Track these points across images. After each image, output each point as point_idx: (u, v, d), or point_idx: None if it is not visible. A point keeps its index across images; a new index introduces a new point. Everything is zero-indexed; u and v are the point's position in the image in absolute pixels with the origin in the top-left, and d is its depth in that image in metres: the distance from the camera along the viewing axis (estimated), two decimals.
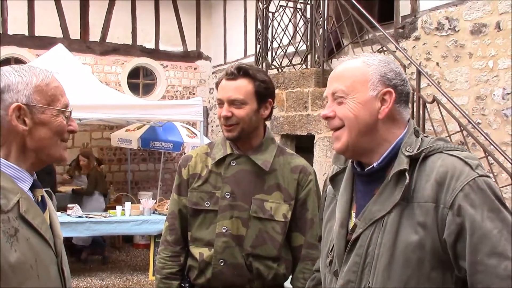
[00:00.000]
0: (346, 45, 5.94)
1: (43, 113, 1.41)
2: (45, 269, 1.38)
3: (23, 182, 1.41)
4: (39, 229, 1.38)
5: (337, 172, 1.63)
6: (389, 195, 1.42)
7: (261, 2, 6.80)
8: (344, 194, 1.56)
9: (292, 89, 6.04)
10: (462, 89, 5.61)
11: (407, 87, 1.52)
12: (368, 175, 1.51)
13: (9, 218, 1.31)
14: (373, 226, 1.43)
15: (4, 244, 1.27)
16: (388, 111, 1.46)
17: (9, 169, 1.39)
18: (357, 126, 1.46)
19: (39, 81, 1.42)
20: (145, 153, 10.53)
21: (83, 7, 9.87)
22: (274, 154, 2.23)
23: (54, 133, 1.43)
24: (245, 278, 2.17)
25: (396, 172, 1.41)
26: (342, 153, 1.54)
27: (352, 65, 1.52)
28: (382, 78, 1.47)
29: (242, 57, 9.88)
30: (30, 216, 1.36)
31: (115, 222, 6.83)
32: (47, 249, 1.42)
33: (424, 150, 1.42)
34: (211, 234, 2.18)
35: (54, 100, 1.44)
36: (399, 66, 1.56)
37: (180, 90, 10.99)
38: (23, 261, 1.31)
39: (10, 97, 1.38)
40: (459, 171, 1.36)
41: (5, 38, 9.19)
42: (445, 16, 5.80)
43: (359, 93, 1.46)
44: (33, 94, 1.40)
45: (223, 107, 2.14)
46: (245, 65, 2.17)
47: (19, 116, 1.38)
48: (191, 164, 2.28)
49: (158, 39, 10.65)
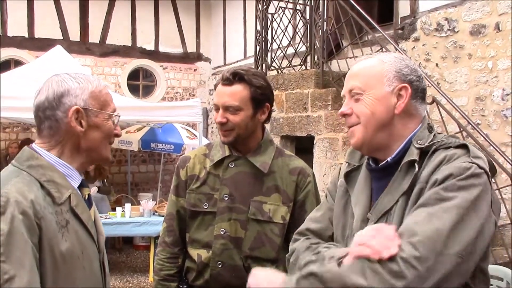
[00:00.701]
0: (346, 46, 5.94)
1: (97, 117, 1.56)
2: (89, 262, 1.51)
3: (73, 180, 1.55)
4: (86, 223, 1.52)
5: (352, 169, 1.63)
6: (398, 185, 1.44)
7: (261, 4, 6.81)
8: (364, 191, 1.56)
9: (292, 90, 6.04)
10: (461, 90, 5.61)
11: (423, 83, 1.53)
12: (382, 170, 1.52)
13: (62, 210, 1.45)
14: (384, 218, 1.44)
15: (56, 234, 1.40)
16: (405, 106, 1.48)
17: (62, 167, 1.53)
18: (373, 122, 1.48)
19: (94, 87, 1.57)
20: (145, 154, 10.53)
21: (83, 9, 9.88)
22: (272, 156, 2.23)
23: (105, 135, 1.59)
24: (243, 280, 2.15)
25: (406, 162, 1.43)
26: (358, 148, 1.55)
27: (368, 63, 1.54)
28: (397, 74, 1.49)
29: (242, 58, 9.88)
30: (79, 211, 1.50)
31: (115, 223, 6.83)
32: (92, 244, 1.55)
33: (435, 143, 1.44)
34: (209, 235, 2.18)
35: (105, 105, 1.59)
36: (414, 63, 1.57)
37: (180, 92, 11.00)
38: (72, 251, 1.44)
39: (69, 101, 1.52)
40: (456, 156, 1.38)
41: (5, 40, 9.21)
42: (444, 17, 5.81)
43: (375, 89, 1.48)
44: (89, 99, 1.54)
45: (219, 112, 2.14)
46: (241, 70, 2.14)
47: (77, 118, 1.52)
48: (189, 165, 2.27)
49: (158, 40, 10.66)
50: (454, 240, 1.26)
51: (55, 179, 1.48)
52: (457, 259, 1.25)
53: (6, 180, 1.41)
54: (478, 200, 1.32)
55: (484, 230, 1.32)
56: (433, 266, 1.24)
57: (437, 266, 1.24)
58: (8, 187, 1.37)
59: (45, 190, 1.44)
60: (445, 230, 1.27)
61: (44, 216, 1.38)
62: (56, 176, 1.49)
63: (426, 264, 1.24)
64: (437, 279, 1.24)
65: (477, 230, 1.29)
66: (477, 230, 1.29)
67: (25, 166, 1.47)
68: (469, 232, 1.28)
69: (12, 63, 9.30)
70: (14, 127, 9.35)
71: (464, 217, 1.29)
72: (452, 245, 1.26)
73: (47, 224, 1.38)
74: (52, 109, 1.52)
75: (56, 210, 1.43)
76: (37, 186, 1.43)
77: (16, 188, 1.38)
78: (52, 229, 1.39)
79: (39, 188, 1.43)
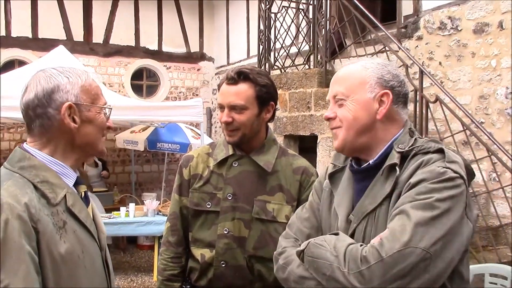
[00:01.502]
0: (349, 45, 5.93)
1: (89, 111, 1.51)
2: (91, 261, 1.48)
3: (68, 178, 1.51)
4: (85, 222, 1.48)
5: (336, 170, 1.68)
6: (380, 189, 1.48)
7: (264, 3, 6.80)
8: (347, 192, 1.60)
9: (295, 89, 6.04)
10: (465, 89, 5.60)
11: (404, 88, 1.58)
12: (364, 172, 1.56)
13: (58, 211, 1.41)
14: (366, 220, 1.49)
15: (54, 236, 1.37)
16: (386, 112, 1.53)
17: (55, 166, 1.48)
18: (355, 126, 1.53)
19: (83, 81, 1.52)
20: (149, 154, 10.55)
21: (86, 9, 9.90)
22: (276, 155, 2.23)
23: (98, 129, 1.54)
24: (246, 280, 2.16)
25: (387, 166, 1.47)
26: (340, 150, 1.60)
27: (351, 69, 1.60)
28: (379, 80, 1.54)
29: (245, 58, 9.88)
30: (76, 210, 1.46)
31: (119, 223, 6.84)
32: (92, 242, 1.51)
33: (415, 148, 1.48)
34: (213, 235, 2.18)
35: (96, 98, 1.54)
36: (397, 68, 1.62)
37: (183, 91, 11.01)
38: (72, 251, 1.41)
39: (60, 97, 1.47)
40: (432, 161, 1.42)
41: (9, 40, 9.24)
42: (447, 16, 5.79)
43: (357, 95, 1.54)
44: (80, 94, 1.49)
45: (223, 112, 2.13)
46: (246, 69, 2.14)
47: (70, 114, 1.47)
48: (192, 164, 2.27)
49: (161, 40, 10.68)
50: (420, 235, 1.29)
51: (49, 179, 1.43)
52: (423, 253, 1.27)
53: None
54: (451, 202, 1.34)
55: (458, 232, 1.34)
56: (397, 255, 1.28)
57: (402, 257, 1.28)
58: (1, 192, 1.33)
59: (39, 191, 1.40)
60: (410, 224, 1.30)
61: (40, 219, 1.34)
62: (49, 176, 1.44)
63: (391, 252, 1.28)
64: (402, 269, 1.27)
65: (446, 230, 1.31)
66: (446, 230, 1.31)
67: (16, 167, 1.43)
68: (438, 230, 1.30)
69: (16, 63, 9.33)
70: (18, 127, 9.38)
71: (434, 214, 1.31)
72: (418, 239, 1.28)
73: (44, 226, 1.35)
74: (43, 107, 1.46)
75: (52, 211, 1.39)
76: (31, 188, 1.39)
77: (8, 192, 1.33)
78: (49, 231, 1.36)
79: (32, 190, 1.39)
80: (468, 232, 1.38)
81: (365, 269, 1.30)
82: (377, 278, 1.28)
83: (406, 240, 1.28)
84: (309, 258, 1.45)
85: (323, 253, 1.41)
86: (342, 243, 1.40)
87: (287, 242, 1.68)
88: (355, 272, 1.31)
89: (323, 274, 1.39)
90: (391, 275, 1.27)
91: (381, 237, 1.34)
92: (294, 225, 1.74)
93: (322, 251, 1.41)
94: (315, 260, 1.42)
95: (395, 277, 1.27)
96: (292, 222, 1.77)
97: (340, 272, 1.34)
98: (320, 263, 1.40)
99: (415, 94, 4.88)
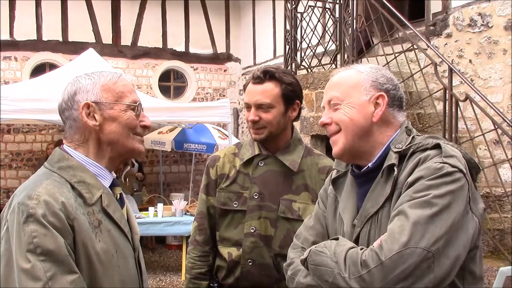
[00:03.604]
0: (376, 44, 5.87)
1: (112, 109, 1.53)
2: (124, 260, 1.51)
3: (104, 179, 1.55)
4: (119, 222, 1.52)
5: (339, 175, 1.68)
6: (380, 191, 1.46)
7: (290, 3, 6.79)
8: (350, 196, 1.60)
9: (322, 89, 6.01)
10: (496, 86, 5.48)
11: (399, 92, 1.58)
12: (364, 176, 1.55)
13: (94, 210, 1.46)
14: (369, 223, 1.47)
15: (90, 234, 1.41)
16: (382, 114, 1.52)
17: (92, 167, 1.53)
18: (352, 128, 1.52)
19: (106, 81, 1.55)
20: (177, 155, 10.64)
21: (115, 12, 10.05)
22: (301, 155, 2.24)
23: (123, 126, 1.54)
24: (273, 278, 2.17)
25: (386, 167, 1.46)
26: (339, 157, 1.60)
27: (345, 73, 1.60)
28: (374, 83, 1.55)
29: (271, 58, 9.88)
30: (111, 210, 1.50)
31: (148, 223, 6.92)
32: (126, 243, 1.55)
33: (412, 146, 1.46)
34: (240, 234, 2.20)
35: (122, 96, 1.55)
36: (390, 72, 1.62)
37: (210, 92, 11.07)
38: (106, 250, 1.45)
39: (81, 97, 1.52)
40: (430, 157, 1.39)
41: (40, 44, 9.45)
42: (477, 12, 5.69)
43: (353, 98, 1.54)
44: (101, 92, 1.53)
45: (250, 111, 2.16)
46: (272, 68, 2.17)
47: (89, 113, 1.51)
48: (219, 164, 2.30)
49: (188, 42, 10.76)
50: (420, 234, 1.26)
51: (86, 179, 1.48)
52: (424, 252, 1.24)
53: (37, 183, 1.42)
54: (450, 197, 1.30)
55: (461, 227, 1.31)
56: (397, 257, 1.25)
57: (402, 258, 1.25)
58: (39, 190, 1.38)
59: (76, 191, 1.45)
60: (408, 224, 1.27)
61: (77, 217, 1.39)
62: (87, 177, 1.49)
63: (390, 254, 1.26)
64: (403, 271, 1.24)
65: (448, 226, 1.28)
66: (448, 226, 1.28)
67: (55, 167, 1.48)
68: (439, 227, 1.27)
69: (47, 67, 9.53)
70: (49, 129, 9.58)
71: (433, 212, 1.28)
72: (418, 239, 1.25)
73: (80, 225, 1.39)
74: (69, 109, 1.53)
75: (88, 211, 1.43)
76: (68, 188, 1.44)
77: (46, 190, 1.38)
78: (85, 230, 1.40)
79: (69, 190, 1.44)
80: (474, 227, 1.35)
81: (366, 273, 1.28)
82: (378, 281, 1.26)
83: (405, 240, 1.26)
84: (312, 266, 1.44)
85: (324, 259, 1.40)
86: (341, 247, 1.39)
87: (294, 252, 1.68)
88: (356, 277, 1.30)
89: (325, 281, 1.38)
90: (392, 277, 1.25)
91: (381, 239, 1.32)
92: (301, 235, 1.74)
93: (323, 258, 1.40)
94: (317, 267, 1.41)
95: (397, 279, 1.25)
96: (299, 232, 1.77)
97: (341, 278, 1.32)
98: (322, 270, 1.39)
99: (444, 92, 4.81)
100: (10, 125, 8.98)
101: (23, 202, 1.35)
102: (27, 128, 9.40)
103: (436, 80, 5.14)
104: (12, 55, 9.31)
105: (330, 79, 1.63)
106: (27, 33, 9.35)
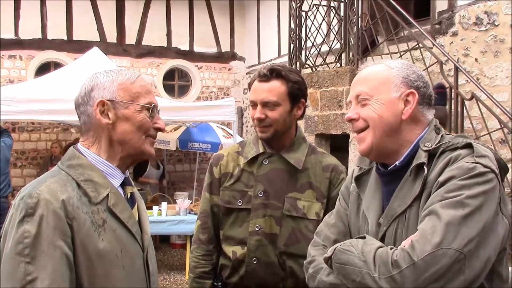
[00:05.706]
0: (381, 42, 5.85)
1: (127, 109, 1.51)
2: (130, 261, 1.49)
3: (114, 178, 1.53)
4: (126, 222, 1.50)
5: (362, 172, 1.64)
6: (409, 190, 1.43)
7: (294, 1, 6.78)
8: (375, 195, 1.57)
9: (326, 88, 5.99)
10: (502, 85, 5.45)
11: (429, 90, 1.54)
12: (391, 174, 1.52)
13: (98, 209, 1.44)
14: (396, 222, 1.44)
15: (91, 233, 1.40)
16: (412, 112, 1.48)
17: (103, 166, 1.52)
18: (381, 126, 1.48)
19: (124, 80, 1.53)
20: (181, 153, 10.64)
21: (119, 11, 10.06)
22: (306, 153, 2.23)
23: (137, 127, 1.52)
24: (278, 277, 2.16)
25: (415, 166, 1.43)
26: (366, 155, 1.55)
27: (375, 68, 1.55)
28: (404, 79, 1.50)
29: (276, 56, 9.87)
30: (117, 210, 1.48)
31: (152, 222, 6.88)
32: (134, 242, 1.52)
33: (442, 145, 1.43)
34: (244, 232, 2.19)
35: (138, 97, 1.53)
36: (420, 69, 1.58)
37: (215, 91, 11.07)
38: (109, 250, 1.43)
39: (97, 94, 1.51)
40: (461, 157, 1.36)
41: (45, 43, 9.47)
42: (483, 11, 5.65)
43: (382, 94, 1.49)
44: (117, 91, 1.51)
45: (256, 109, 2.15)
46: (278, 66, 2.16)
47: (103, 111, 1.50)
48: (223, 163, 2.29)
49: (192, 41, 10.76)
50: (452, 235, 1.24)
51: (94, 178, 1.47)
52: (456, 254, 1.23)
53: (42, 180, 1.42)
54: (483, 198, 1.28)
55: (492, 229, 1.28)
56: (429, 258, 1.23)
57: (434, 259, 1.23)
58: (41, 188, 1.37)
59: (81, 189, 1.43)
60: (441, 224, 1.25)
61: (77, 216, 1.37)
62: (95, 175, 1.47)
63: (422, 255, 1.24)
64: (436, 272, 1.23)
65: (480, 228, 1.26)
66: (480, 228, 1.26)
67: (65, 165, 1.48)
68: (471, 229, 1.25)
69: (52, 65, 9.55)
70: (54, 128, 9.60)
71: (466, 212, 1.26)
72: (451, 240, 1.23)
73: (80, 224, 1.38)
74: (84, 105, 1.52)
75: (92, 210, 1.42)
76: (73, 186, 1.42)
77: (48, 188, 1.37)
78: (86, 229, 1.38)
79: (74, 188, 1.42)
80: (504, 229, 1.32)
81: (397, 273, 1.26)
82: (410, 282, 1.24)
83: (437, 241, 1.24)
84: (337, 264, 1.41)
85: (351, 258, 1.37)
86: (370, 247, 1.36)
87: (315, 250, 1.65)
88: (386, 277, 1.27)
89: (352, 281, 1.35)
90: (424, 278, 1.23)
91: (412, 239, 1.29)
92: (322, 232, 1.71)
93: (350, 257, 1.37)
94: (344, 266, 1.38)
95: (429, 281, 1.23)
96: (320, 229, 1.74)
97: (371, 277, 1.30)
98: (349, 269, 1.36)
99: (450, 91, 4.78)
100: (14, 123, 9.00)
101: (24, 200, 1.36)
102: (31, 126, 9.43)
103: (441, 78, 5.11)
104: (17, 53, 9.34)
105: (359, 73, 1.59)
106: (32, 32, 9.37)
